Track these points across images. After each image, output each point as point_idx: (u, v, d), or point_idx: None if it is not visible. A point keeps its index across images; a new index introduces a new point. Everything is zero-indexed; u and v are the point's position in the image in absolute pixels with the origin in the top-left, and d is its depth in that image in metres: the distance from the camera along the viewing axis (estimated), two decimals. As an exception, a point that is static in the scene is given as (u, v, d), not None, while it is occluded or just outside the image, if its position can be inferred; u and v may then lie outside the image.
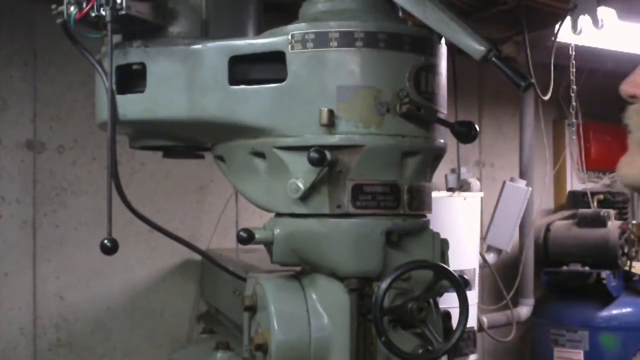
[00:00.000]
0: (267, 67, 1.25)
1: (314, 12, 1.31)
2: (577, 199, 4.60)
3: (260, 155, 1.29)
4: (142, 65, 1.30)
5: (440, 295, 1.30)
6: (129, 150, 1.58)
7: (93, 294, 3.21)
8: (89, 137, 3.17)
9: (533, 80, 2.90)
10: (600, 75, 4.58)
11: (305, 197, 1.21)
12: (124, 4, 1.21)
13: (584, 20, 3.08)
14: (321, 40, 1.20)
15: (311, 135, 1.20)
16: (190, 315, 3.45)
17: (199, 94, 1.27)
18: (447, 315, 1.32)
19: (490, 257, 3.76)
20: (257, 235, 1.24)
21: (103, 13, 1.22)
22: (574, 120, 4.25)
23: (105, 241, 1.25)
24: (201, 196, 3.53)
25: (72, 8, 1.24)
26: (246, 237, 1.22)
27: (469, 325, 1.28)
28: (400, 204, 1.24)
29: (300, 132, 1.21)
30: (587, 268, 3.98)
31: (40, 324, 3.11)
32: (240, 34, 1.42)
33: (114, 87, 1.29)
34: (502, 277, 3.92)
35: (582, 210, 4.32)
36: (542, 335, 4.05)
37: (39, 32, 3.06)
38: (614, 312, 3.90)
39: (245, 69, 1.27)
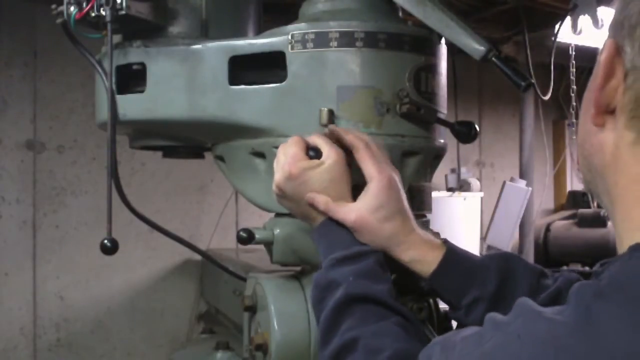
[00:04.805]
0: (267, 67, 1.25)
1: (314, 12, 1.31)
2: (577, 199, 4.61)
3: (260, 155, 1.28)
4: (142, 65, 1.30)
5: (440, 295, 1.30)
6: (129, 150, 1.58)
7: (93, 294, 3.21)
8: (89, 137, 3.18)
9: (533, 80, 2.90)
10: (601, 75, 4.58)
11: (305, 197, 1.21)
12: (124, 4, 1.21)
13: (584, 20, 3.08)
14: (321, 40, 1.20)
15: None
16: (190, 315, 3.45)
17: (199, 94, 1.27)
18: (445, 316, 1.32)
19: (490, 257, 3.75)
20: (257, 235, 1.24)
21: (103, 13, 1.22)
22: (574, 120, 4.24)
23: (105, 241, 1.25)
24: (201, 196, 3.53)
25: (72, 8, 1.24)
26: (246, 237, 1.22)
27: (469, 325, 1.28)
28: (400, 204, 1.24)
29: (300, 132, 1.20)
30: (587, 268, 3.98)
31: (40, 324, 3.11)
32: (240, 34, 1.41)
33: (114, 87, 1.29)
34: (502, 277, 3.91)
35: (582, 210, 4.32)
36: (542, 335, 4.04)
37: (39, 32, 3.06)
38: (614, 312, 3.90)
39: (246, 69, 1.27)
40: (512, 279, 1.08)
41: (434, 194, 1.41)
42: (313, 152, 1.11)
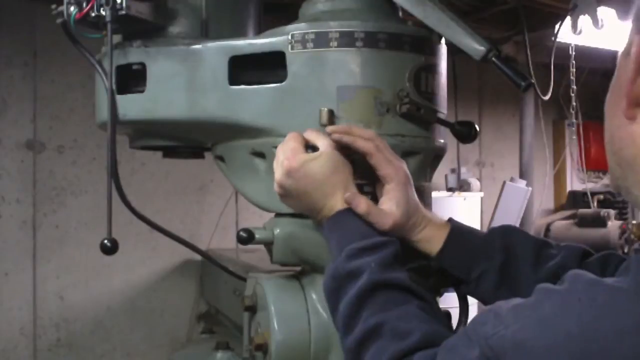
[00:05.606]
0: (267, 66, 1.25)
1: (314, 12, 1.31)
2: (577, 199, 4.61)
3: (260, 155, 1.28)
4: (142, 65, 1.30)
5: (440, 295, 1.30)
6: (129, 150, 1.58)
7: (93, 294, 3.22)
8: (89, 137, 3.18)
9: (533, 80, 2.90)
10: (600, 75, 4.59)
11: (305, 197, 1.21)
12: (124, 4, 1.21)
13: (584, 20, 3.07)
14: (321, 40, 1.20)
15: (311, 135, 1.19)
16: (190, 315, 3.45)
17: (199, 94, 1.27)
18: (447, 315, 1.32)
19: (490, 257, 3.75)
20: (257, 235, 1.24)
21: (103, 13, 1.22)
22: (574, 120, 4.25)
23: (105, 241, 1.25)
24: (201, 196, 3.53)
25: (72, 8, 1.24)
26: (246, 237, 1.22)
27: (469, 325, 1.28)
28: (400, 204, 1.24)
29: (300, 132, 1.21)
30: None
31: (40, 324, 3.11)
32: (240, 34, 1.41)
33: (114, 87, 1.29)
34: (502, 277, 3.91)
35: (582, 210, 4.33)
36: (542, 335, 4.05)
37: (39, 32, 3.07)
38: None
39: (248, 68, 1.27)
40: (516, 251, 1.12)
41: (434, 194, 1.41)
42: (311, 150, 1.12)
